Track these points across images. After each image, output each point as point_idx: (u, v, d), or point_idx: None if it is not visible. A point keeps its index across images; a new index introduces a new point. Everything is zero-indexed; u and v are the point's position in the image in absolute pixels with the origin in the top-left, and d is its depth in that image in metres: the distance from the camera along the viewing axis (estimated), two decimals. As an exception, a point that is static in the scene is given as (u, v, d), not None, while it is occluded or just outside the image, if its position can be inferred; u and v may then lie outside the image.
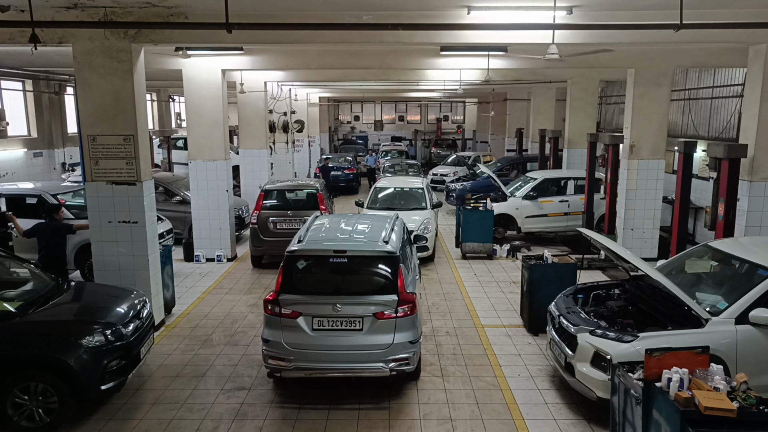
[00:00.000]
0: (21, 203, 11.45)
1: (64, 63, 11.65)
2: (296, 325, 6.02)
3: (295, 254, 6.35)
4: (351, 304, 6.05)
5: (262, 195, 11.81)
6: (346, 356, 6.08)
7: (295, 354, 6.01)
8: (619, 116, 19.23)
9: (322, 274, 6.53)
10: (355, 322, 6.04)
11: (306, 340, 6.02)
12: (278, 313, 6.05)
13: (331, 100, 34.04)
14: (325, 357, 6.06)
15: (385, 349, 6.04)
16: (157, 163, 19.87)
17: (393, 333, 6.05)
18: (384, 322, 6.04)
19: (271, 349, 6.06)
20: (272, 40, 8.81)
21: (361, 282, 6.46)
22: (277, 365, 6.07)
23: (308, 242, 6.53)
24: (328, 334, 6.05)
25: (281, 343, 6.03)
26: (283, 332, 6.04)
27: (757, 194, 8.01)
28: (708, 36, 7.53)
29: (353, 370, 6.13)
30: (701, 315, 5.55)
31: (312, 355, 6.03)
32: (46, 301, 6.23)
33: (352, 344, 6.04)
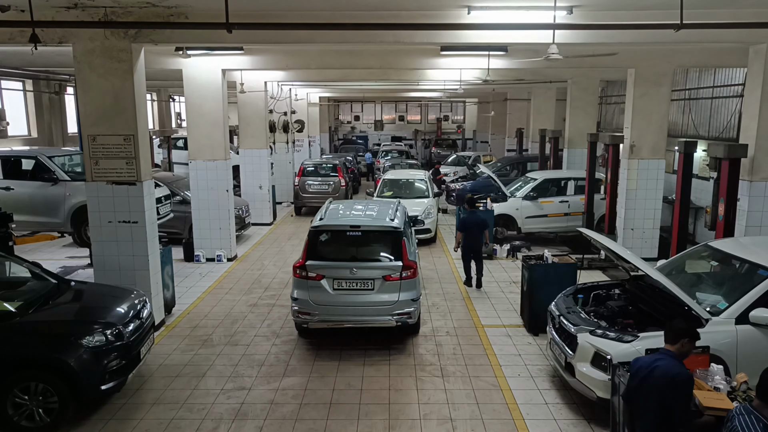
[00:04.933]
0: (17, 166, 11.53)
1: (65, 63, 11.66)
2: (320, 285, 7.33)
3: (319, 228, 7.66)
4: (365, 269, 7.41)
5: (302, 168, 18.05)
6: (360, 310, 7.42)
7: (320, 309, 7.34)
8: (619, 116, 19.22)
9: (340, 244, 7.81)
10: (367, 283, 7.37)
11: (328, 297, 7.34)
12: (306, 276, 7.36)
13: (331, 100, 34.04)
14: (343, 311, 7.40)
15: (392, 305, 7.38)
16: (157, 163, 19.88)
17: (398, 292, 7.40)
18: (391, 283, 7.38)
19: (300, 306, 7.37)
20: (272, 40, 8.81)
21: (372, 251, 7.79)
22: (305, 318, 7.41)
23: (328, 219, 7.85)
24: (346, 293, 7.40)
25: (308, 300, 7.35)
26: (309, 291, 7.35)
27: (758, 194, 8.01)
28: (708, 36, 7.52)
29: (366, 321, 7.48)
30: (701, 315, 5.55)
31: (333, 309, 7.36)
32: (47, 301, 6.23)
33: (365, 301, 7.40)
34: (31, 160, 11.57)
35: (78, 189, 10.88)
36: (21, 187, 11.36)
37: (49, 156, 11.52)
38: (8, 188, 11.24)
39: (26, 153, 12.36)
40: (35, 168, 11.43)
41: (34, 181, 11.38)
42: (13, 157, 11.89)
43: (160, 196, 10.62)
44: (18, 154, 12.07)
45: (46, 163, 11.26)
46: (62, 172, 11.30)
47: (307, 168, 19.01)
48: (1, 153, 11.90)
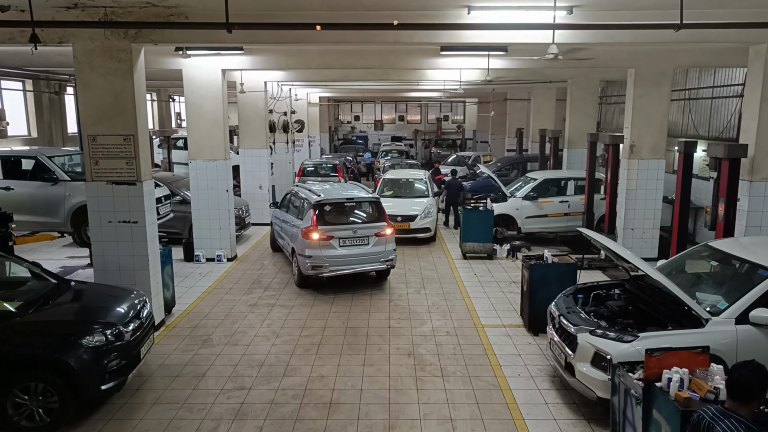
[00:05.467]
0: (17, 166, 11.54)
1: (65, 63, 11.66)
2: (329, 244, 9.48)
3: (322, 202, 9.90)
4: (363, 229, 9.82)
5: (302, 168, 19.15)
6: (360, 260, 9.73)
7: (329, 261, 9.49)
8: (619, 116, 19.22)
9: (339, 212, 10.14)
10: (364, 239, 9.77)
11: (336, 253, 9.53)
12: (317, 238, 9.41)
13: (331, 100, 34.05)
14: (346, 262, 9.63)
15: (381, 254, 9.87)
16: (157, 163, 19.87)
17: (384, 244, 9.90)
18: (380, 239, 9.87)
19: (314, 261, 9.43)
20: (272, 40, 8.81)
21: (363, 216, 10.29)
22: (317, 271, 9.48)
23: (326, 195, 10.12)
24: (349, 249, 9.65)
25: (321, 256, 9.42)
26: (321, 250, 9.44)
27: (758, 194, 8.01)
28: (708, 36, 7.53)
29: (364, 269, 9.86)
30: (701, 315, 5.55)
31: (339, 261, 9.57)
32: (46, 301, 6.22)
33: (363, 253, 9.74)
34: (31, 160, 11.57)
35: (78, 189, 10.88)
36: (21, 187, 11.36)
37: (49, 156, 11.52)
38: (8, 188, 11.24)
39: (26, 153, 12.37)
40: (35, 168, 11.44)
41: (34, 181, 11.38)
42: (13, 157, 11.89)
43: (160, 196, 10.64)
44: (18, 154, 12.07)
45: (46, 163, 11.26)
46: (62, 172, 11.30)
47: (307, 168, 19.11)
48: (1, 153, 11.89)
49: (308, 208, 9.93)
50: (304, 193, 10.77)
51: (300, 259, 9.66)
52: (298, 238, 9.84)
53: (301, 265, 9.69)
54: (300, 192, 11.09)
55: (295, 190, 11.51)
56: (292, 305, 9.22)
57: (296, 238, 9.96)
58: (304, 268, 9.58)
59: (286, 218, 11.10)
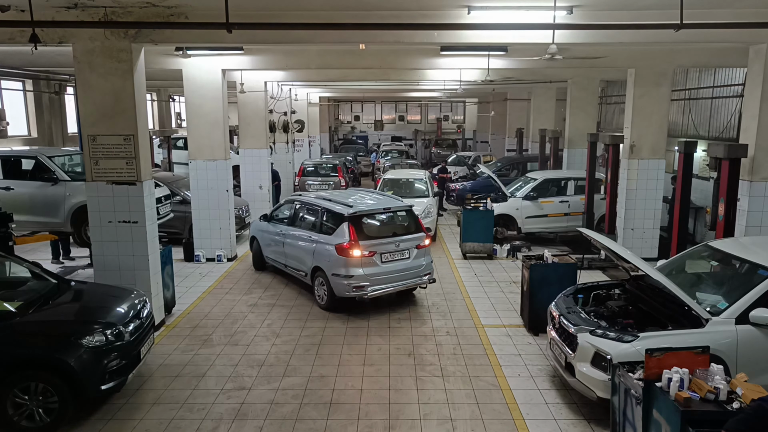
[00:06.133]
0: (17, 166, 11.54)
1: (65, 63, 11.66)
2: (372, 261, 8.52)
3: (357, 214, 8.76)
4: (404, 242, 8.89)
5: (302, 168, 19.15)
6: (403, 276, 8.84)
7: (371, 280, 8.50)
8: (619, 116, 19.23)
9: (377, 224, 9.21)
10: (405, 252, 8.87)
11: (378, 269, 8.59)
12: (359, 255, 8.43)
13: (331, 100, 34.05)
14: (390, 279, 8.72)
15: (422, 267, 9.04)
16: (157, 163, 19.88)
17: (424, 257, 9.12)
18: (421, 251, 9.05)
19: (356, 281, 8.42)
20: (272, 40, 8.81)
21: (401, 226, 9.23)
22: (360, 292, 8.45)
23: (357, 206, 8.94)
24: (392, 264, 8.74)
25: (363, 274, 8.44)
26: (363, 268, 8.45)
27: (758, 194, 8.01)
28: (708, 36, 7.53)
29: (406, 285, 8.95)
30: (701, 315, 5.55)
31: (382, 279, 8.62)
32: (47, 301, 6.22)
33: (405, 267, 8.86)
34: (31, 160, 11.56)
35: (78, 189, 10.87)
36: (21, 187, 11.34)
37: (49, 156, 11.50)
38: (8, 188, 11.23)
39: (26, 153, 12.35)
40: (35, 168, 11.42)
41: (34, 181, 11.37)
42: (13, 157, 11.87)
43: (160, 196, 10.63)
44: (18, 154, 12.05)
45: (46, 163, 11.24)
46: (62, 172, 11.29)
47: (307, 168, 19.12)
48: (1, 153, 11.87)
49: (339, 222, 8.78)
50: (320, 203, 9.47)
51: (334, 280, 8.57)
52: (328, 257, 8.67)
53: (335, 287, 8.60)
54: (312, 202, 9.79)
55: (303, 200, 10.20)
56: (292, 305, 9.21)
57: (325, 257, 8.77)
58: (341, 289, 8.54)
59: (292, 233, 9.83)
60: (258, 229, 11.13)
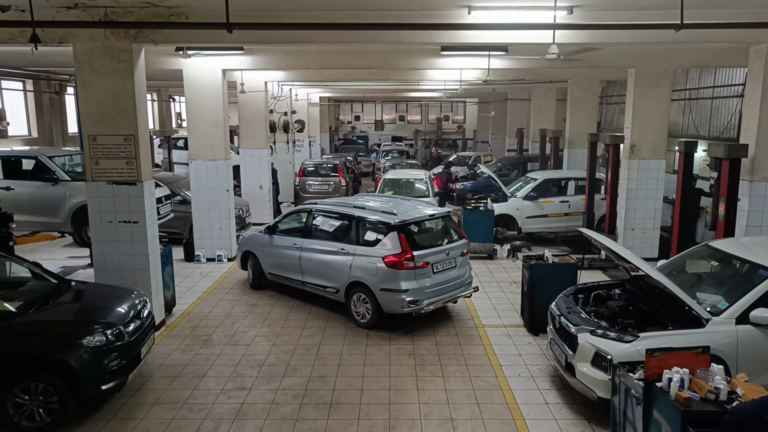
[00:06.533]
0: (17, 166, 11.56)
1: (65, 63, 11.65)
2: (425, 272, 7.98)
3: (405, 223, 8.14)
4: (452, 250, 8.38)
5: (302, 168, 19.03)
6: (451, 287, 8.33)
7: (426, 293, 7.95)
8: (619, 116, 19.23)
9: (424, 232, 8.56)
10: (452, 261, 8.37)
11: (431, 281, 8.04)
12: (414, 266, 7.86)
13: (331, 100, 34.05)
14: (442, 290, 8.17)
15: (466, 276, 8.65)
16: (157, 163, 19.88)
17: (467, 265, 8.75)
18: (464, 258, 8.62)
19: (412, 296, 7.82)
20: (272, 40, 8.81)
21: (447, 234, 8.69)
22: (415, 307, 7.86)
23: (402, 215, 8.26)
24: (443, 275, 8.21)
25: (418, 288, 7.87)
26: (417, 280, 7.88)
27: (758, 194, 8.01)
28: (708, 36, 7.53)
29: (455, 295, 8.40)
30: (702, 315, 5.55)
31: (435, 291, 8.07)
32: (47, 301, 6.23)
33: (454, 277, 8.36)
34: (31, 160, 11.58)
35: (78, 189, 10.89)
36: (21, 187, 11.37)
37: (49, 156, 11.52)
38: (8, 188, 11.25)
39: (26, 153, 12.38)
40: (35, 168, 11.45)
41: (35, 181, 11.39)
42: (13, 157, 11.90)
43: (160, 196, 10.64)
44: (18, 154, 12.07)
45: (46, 163, 11.27)
46: (62, 172, 11.32)
47: (307, 168, 19.13)
48: (1, 153, 11.90)
49: (384, 231, 8.12)
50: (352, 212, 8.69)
51: (385, 296, 7.90)
52: (375, 270, 7.96)
53: (386, 303, 7.93)
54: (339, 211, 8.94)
55: (324, 208, 9.18)
56: (293, 305, 9.21)
57: (369, 271, 8.03)
58: (393, 305, 7.88)
59: (312, 247, 8.87)
60: (257, 243, 9.90)
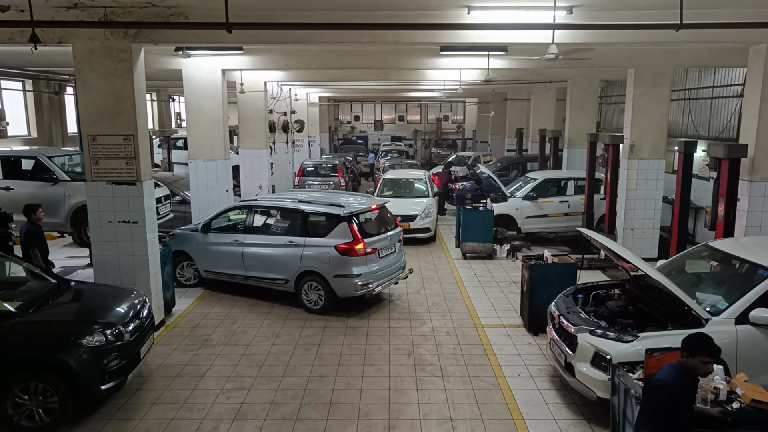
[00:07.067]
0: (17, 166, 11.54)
1: (65, 63, 11.65)
2: (374, 258, 8.80)
3: (355, 213, 8.85)
4: (393, 236, 9.36)
5: (302, 168, 19.16)
6: (392, 270, 9.20)
7: (374, 277, 8.75)
8: (619, 116, 19.23)
9: (368, 222, 9.22)
10: (393, 246, 9.34)
11: (378, 265, 8.88)
12: (365, 252, 8.65)
13: (331, 100, 34.05)
14: (386, 273, 9.02)
15: (402, 260, 9.64)
16: (157, 163, 19.88)
17: (402, 251, 9.74)
18: (400, 244, 9.63)
19: (364, 279, 8.59)
20: (272, 40, 8.81)
21: (384, 222, 9.49)
22: (367, 289, 8.63)
23: (350, 208, 8.95)
24: (386, 259, 9.09)
25: (369, 272, 8.67)
26: (368, 265, 8.68)
27: (758, 194, 8.01)
28: (708, 36, 7.52)
29: (396, 277, 9.27)
30: (701, 315, 5.55)
31: (381, 274, 8.90)
32: (46, 301, 6.22)
33: (393, 261, 9.27)
34: (31, 160, 11.57)
35: (78, 189, 10.87)
36: (21, 187, 11.35)
37: (49, 156, 11.51)
38: (8, 188, 11.24)
39: (26, 153, 12.36)
40: (35, 168, 11.43)
41: (34, 181, 11.38)
42: (13, 157, 11.88)
43: (160, 196, 10.64)
44: (18, 154, 12.06)
45: (45, 163, 11.25)
46: (62, 172, 11.30)
47: (307, 168, 19.15)
48: (1, 153, 11.89)
49: (334, 223, 8.70)
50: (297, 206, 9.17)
51: (339, 281, 8.56)
52: (328, 259, 8.57)
53: (339, 288, 8.61)
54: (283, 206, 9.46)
55: (265, 204, 9.78)
56: (292, 305, 9.21)
57: (321, 260, 8.62)
58: (347, 289, 8.58)
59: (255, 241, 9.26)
60: (189, 241, 9.85)
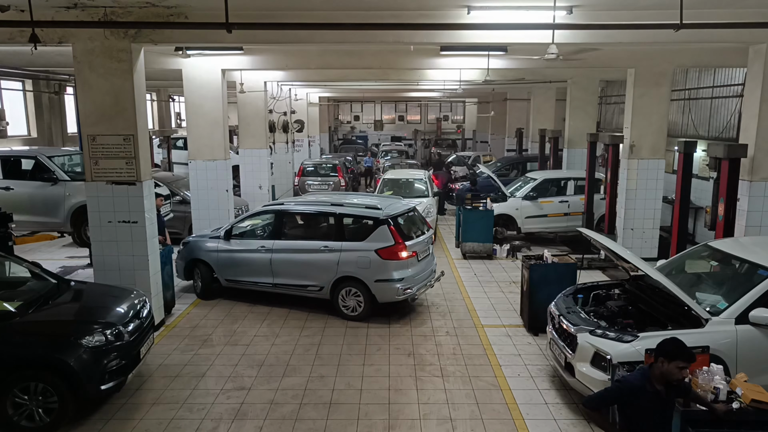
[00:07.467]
0: (17, 166, 11.55)
1: (64, 63, 11.64)
2: (414, 261, 8.57)
3: (393, 215, 8.64)
4: (427, 238, 9.12)
5: (302, 168, 19.19)
6: (429, 273, 9.02)
7: (414, 281, 8.54)
8: (619, 116, 19.23)
9: (408, 225, 8.97)
10: (428, 249, 9.14)
11: (417, 268, 8.66)
12: (408, 256, 8.41)
13: (331, 99, 34.04)
14: (423, 277, 8.82)
15: (434, 263, 9.41)
16: (157, 163, 19.88)
17: (433, 254, 9.49)
18: (432, 247, 9.45)
19: (405, 283, 8.38)
20: (272, 40, 8.81)
21: (418, 225, 9.30)
22: (408, 293, 8.44)
23: (388, 209, 8.77)
24: (423, 262, 8.87)
25: (411, 275, 8.47)
26: (409, 268, 8.47)
27: (757, 194, 8.01)
28: (708, 36, 7.52)
29: (430, 280, 9.03)
30: (701, 315, 5.55)
31: (420, 277, 8.71)
32: (46, 301, 6.22)
33: (428, 264, 9.07)
34: (30, 160, 11.58)
35: (78, 189, 10.89)
36: (21, 187, 11.37)
37: (48, 156, 11.52)
38: (8, 188, 11.25)
39: (26, 153, 12.38)
40: (35, 168, 11.45)
41: (34, 181, 11.39)
42: (13, 157, 11.90)
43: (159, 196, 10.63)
44: (18, 154, 12.08)
45: (45, 163, 11.26)
46: (62, 172, 11.31)
47: (306, 168, 19.16)
48: (1, 153, 11.90)
49: (373, 226, 8.46)
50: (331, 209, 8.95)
51: (380, 286, 8.32)
52: (368, 263, 8.32)
53: (381, 293, 8.37)
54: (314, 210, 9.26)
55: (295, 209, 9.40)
56: (292, 305, 9.20)
57: (361, 264, 8.36)
58: (389, 294, 8.35)
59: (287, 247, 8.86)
60: (208, 250, 9.36)
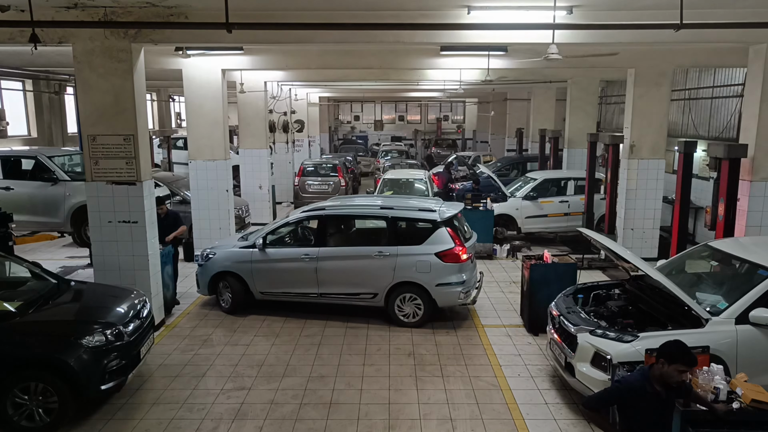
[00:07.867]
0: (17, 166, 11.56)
1: (65, 63, 11.65)
2: (469, 264, 8.38)
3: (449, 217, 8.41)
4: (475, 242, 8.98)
5: (302, 168, 18.60)
6: (476, 276, 8.81)
7: (470, 284, 8.38)
8: (619, 116, 19.23)
9: (461, 227, 8.77)
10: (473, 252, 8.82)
11: (472, 272, 8.49)
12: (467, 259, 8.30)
13: (331, 99, 34.04)
14: (476, 280, 8.70)
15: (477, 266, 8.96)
16: (157, 163, 19.88)
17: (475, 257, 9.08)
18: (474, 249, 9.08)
19: (466, 286, 8.21)
20: (272, 40, 8.81)
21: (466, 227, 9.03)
22: (467, 297, 8.28)
23: (447, 209, 8.67)
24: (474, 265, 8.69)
25: (468, 279, 8.27)
26: (467, 272, 8.29)
27: (758, 194, 8.01)
28: (708, 36, 7.52)
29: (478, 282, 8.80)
30: (701, 315, 5.55)
31: (474, 282, 8.59)
32: (46, 301, 6.22)
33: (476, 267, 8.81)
34: (31, 160, 11.59)
35: (78, 189, 10.89)
36: (21, 187, 11.37)
37: (49, 156, 11.53)
38: (8, 188, 11.26)
39: (26, 153, 12.39)
40: (35, 168, 11.46)
41: (34, 181, 11.40)
42: (13, 157, 11.91)
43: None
44: (18, 154, 12.10)
45: (45, 163, 11.27)
46: (62, 172, 11.32)
47: (307, 168, 19.15)
48: (1, 153, 11.91)
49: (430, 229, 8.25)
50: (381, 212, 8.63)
51: (441, 290, 8.09)
52: (428, 267, 8.09)
53: (441, 297, 8.16)
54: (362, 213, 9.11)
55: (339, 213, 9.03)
56: (292, 305, 9.20)
57: (420, 268, 8.12)
58: (450, 299, 8.18)
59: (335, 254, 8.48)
60: (237, 261, 8.73)
